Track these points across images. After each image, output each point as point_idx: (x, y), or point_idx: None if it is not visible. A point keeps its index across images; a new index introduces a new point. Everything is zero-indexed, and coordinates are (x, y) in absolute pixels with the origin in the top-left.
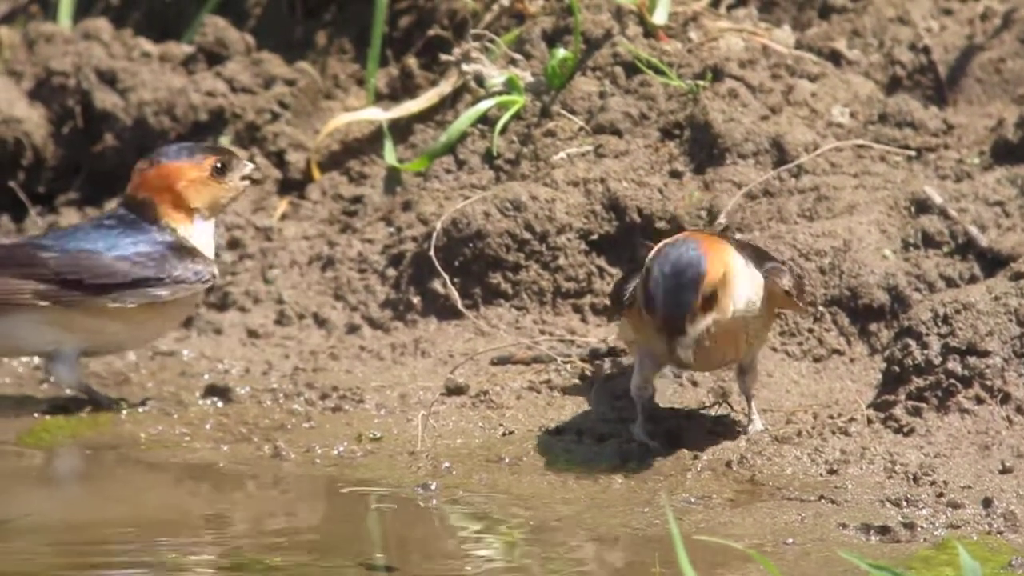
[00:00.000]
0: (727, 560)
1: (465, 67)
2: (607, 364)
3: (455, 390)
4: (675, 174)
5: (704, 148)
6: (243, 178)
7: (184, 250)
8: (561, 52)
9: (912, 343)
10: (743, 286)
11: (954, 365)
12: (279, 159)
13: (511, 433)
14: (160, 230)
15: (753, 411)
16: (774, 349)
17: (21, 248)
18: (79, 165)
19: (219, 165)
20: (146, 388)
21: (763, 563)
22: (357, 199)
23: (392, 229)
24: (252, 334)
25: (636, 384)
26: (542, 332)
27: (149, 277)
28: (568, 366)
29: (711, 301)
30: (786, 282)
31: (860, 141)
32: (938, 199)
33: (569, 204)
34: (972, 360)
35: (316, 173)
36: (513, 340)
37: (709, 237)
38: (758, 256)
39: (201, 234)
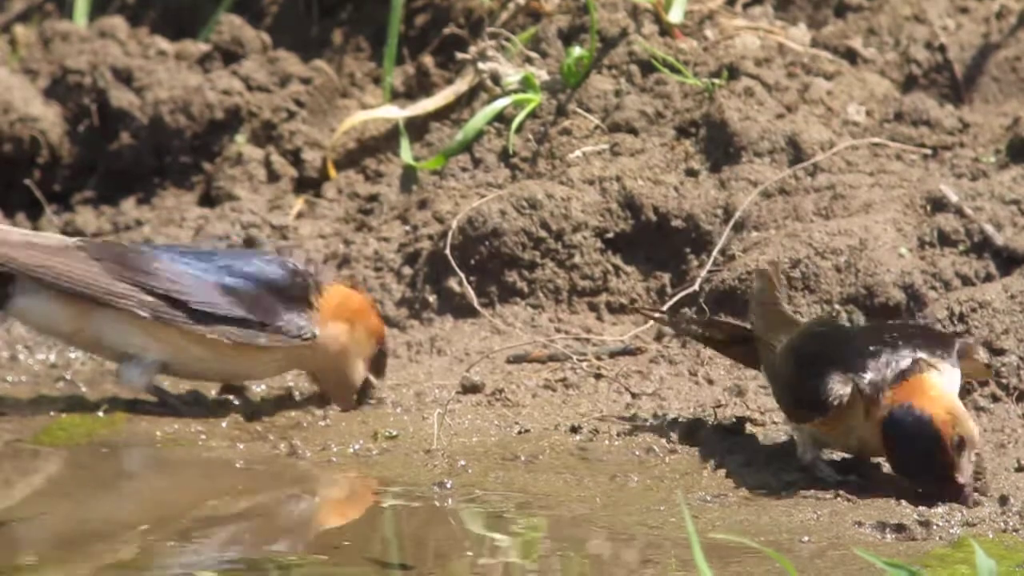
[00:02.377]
0: (743, 558)
1: (481, 65)
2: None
3: (471, 388)
4: (691, 172)
5: (720, 146)
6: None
7: (298, 302)
8: (577, 50)
9: None
10: (959, 404)
11: None
12: (295, 157)
13: (527, 431)
14: (304, 305)
15: None
16: None
17: (136, 253)
18: (95, 163)
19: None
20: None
21: (780, 561)
22: (373, 197)
23: (408, 227)
24: None
25: (809, 457)
26: (558, 330)
27: (252, 320)
28: (584, 364)
29: (961, 444)
30: (983, 355)
31: (876, 139)
32: (954, 197)
33: (585, 202)
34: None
35: (332, 171)
36: (529, 338)
37: (917, 389)
38: (942, 342)
39: (328, 331)
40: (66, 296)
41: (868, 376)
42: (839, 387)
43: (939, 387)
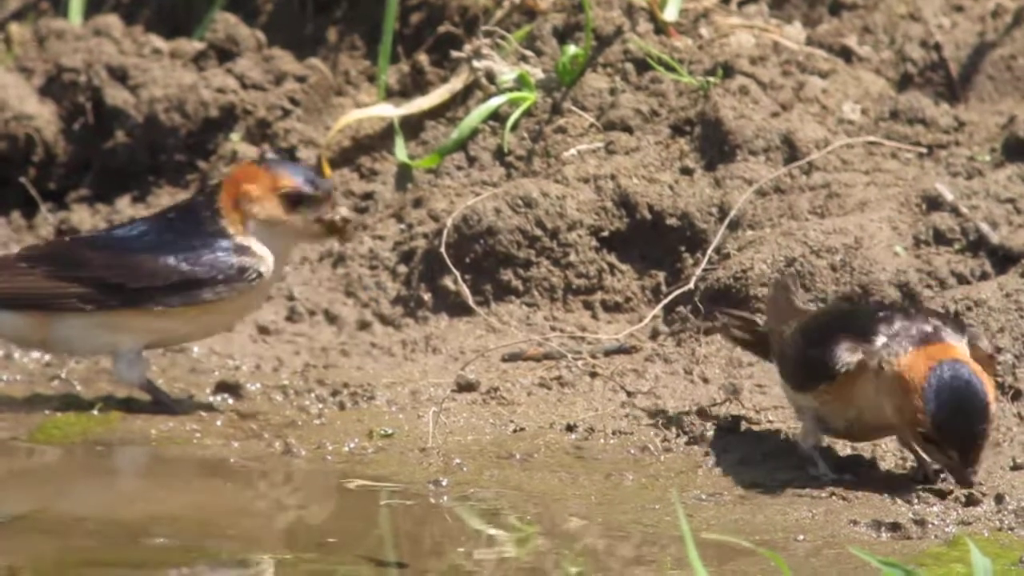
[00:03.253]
0: (737, 556)
1: (476, 64)
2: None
3: (466, 386)
4: (686, 171)
5: (715, 145)
6: (318, 220)
7: (234, 248)
8: (572, 49)
9: None
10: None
11: None
12: (290, 155)
13: (522, 429)
14: (215, 229)
15: (922, 456)
16: None
17: (65, 246)
18: (90, 161)
19: (293, 195)
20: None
21: (775, 560)
22: (368, 196)
23: (403, 226)
24: (263, 330)
25: (811, 444)
26: (553, 328)
27: (191, 279)
28: (579, 363)
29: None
30: (986, 345)
31: (871, 138)
32: (949, 196)
33: (580, 201)
34: None
35: (327, 170)
36: (524, 336)
37: (962, 352)
38: (955, 322)
39: (254, 244)
40: (22, 309)
41: (880, 339)
42: (847, 355)
43: (970, 359)
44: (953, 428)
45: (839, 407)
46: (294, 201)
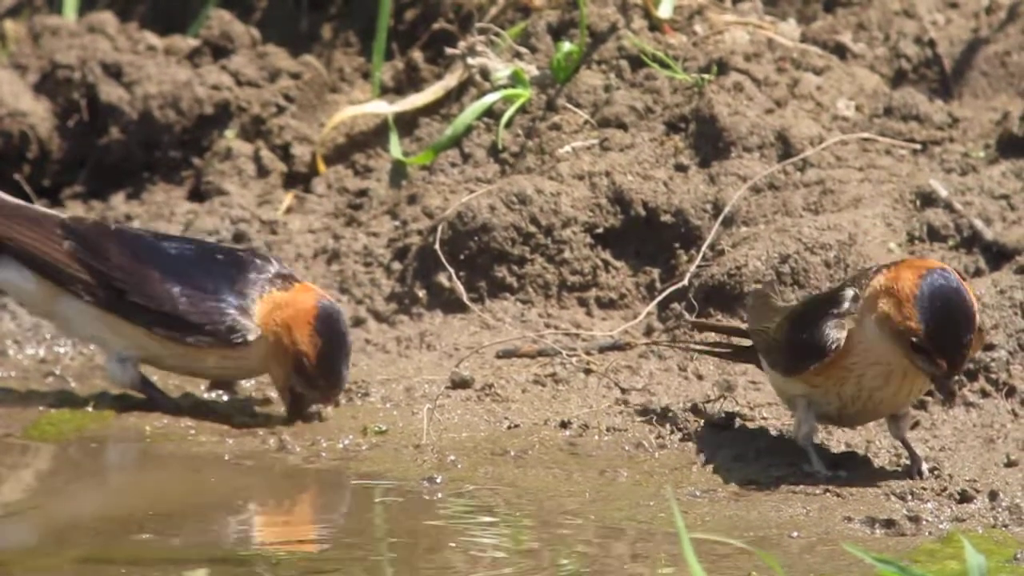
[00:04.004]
0: (732, 552)
1: (470, 61)
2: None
3: (460, 383)
4: (680, 167)
5: (709, 141)
6: (300, 395)
7: (236, 308)
8: (566, 45)
9: None
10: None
11: None
12: (284, 152)
13: (516, 426)
14: (237, 287)
15: (915, 453)
16: None
17: (101, 231)
18: (84, 158)
19: (305, 363)
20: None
21: (765, 559)
22: (362, 192)
23: (397, 223)
24: None
25: (804, 433)
26: (547, 325)
27: (180, 317)
28: (573, 359)
29: (979, 335)
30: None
31: (865, 134)
32: (943, 192)
33: (574, 197)
34: (977, 354)
35: (321, 166)
36: (518, 333)
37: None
38: None
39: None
40: (39, 274)
41: (847, 293)
42: (835, 332)
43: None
44: (937, 329)
45: (831, 386)
46: (299, 369)
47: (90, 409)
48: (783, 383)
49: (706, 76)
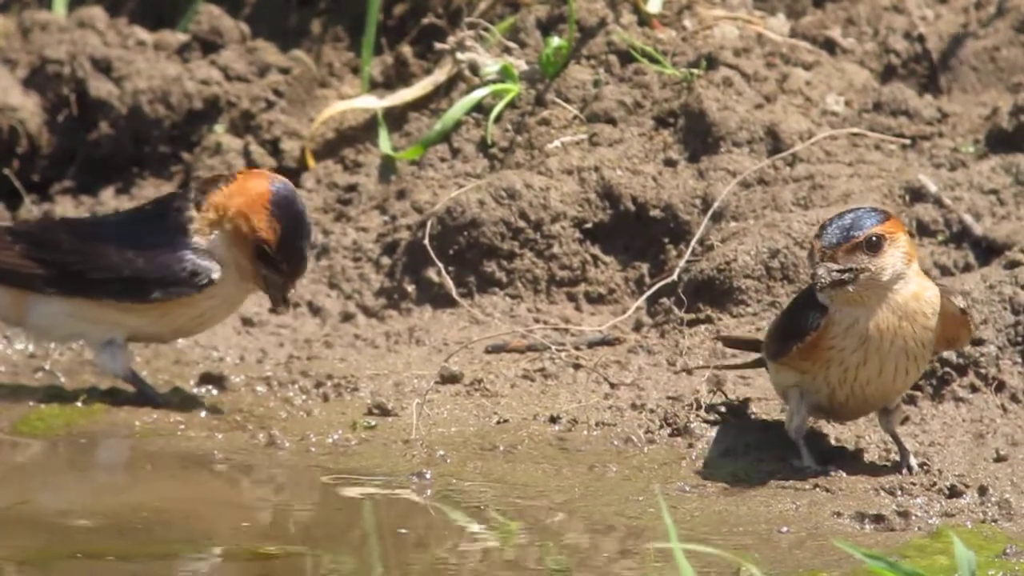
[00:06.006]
0: (722, 548)
1: (460, 55)
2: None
3: (449, 378)
4: (669, 162)
5: (698, 136)
6: (270, 278)
7: (191, 250)
8: (555, 40)
9: None
10: (902, 262)
11: (949, 353)
12: (274, 147)
13: (505, 421)
14: (178, 226)
15: (905, 448)
16: None
17: (47, 226)
18: (74, 153)
19: (266, 249)
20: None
21: (744, 560)
22: (351, 187)
23: (386, 217)
24: (247, 322)
25: (796, 426)
26: (536, 320)
27: (142, 277)
28: (562, 354)
29: (877, 245)
30: (960, 301)
31: (855, 129)
32: (933, 187)
33: (563, 192)
34: (967, 349)
35: (311, 161)
36: (507, 328)
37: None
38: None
39: (216, 248)
40: (3, 283)
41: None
42: (815, 313)
43: (910, 242)
44: (829, 224)
45: (819, 370)
46: (260, 253)
47: (79, 404)
48: (776, 374)
49: (695, 71)
